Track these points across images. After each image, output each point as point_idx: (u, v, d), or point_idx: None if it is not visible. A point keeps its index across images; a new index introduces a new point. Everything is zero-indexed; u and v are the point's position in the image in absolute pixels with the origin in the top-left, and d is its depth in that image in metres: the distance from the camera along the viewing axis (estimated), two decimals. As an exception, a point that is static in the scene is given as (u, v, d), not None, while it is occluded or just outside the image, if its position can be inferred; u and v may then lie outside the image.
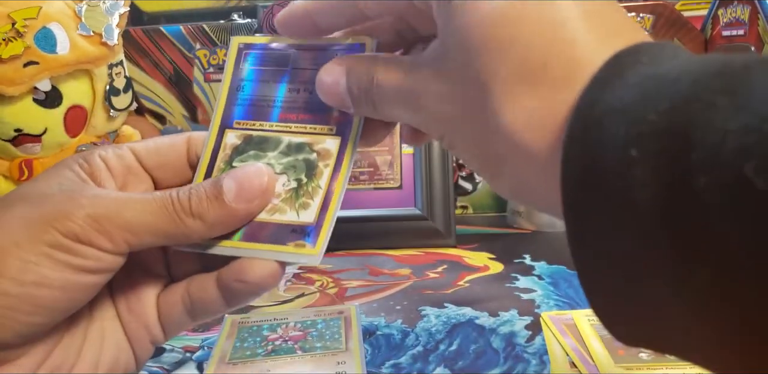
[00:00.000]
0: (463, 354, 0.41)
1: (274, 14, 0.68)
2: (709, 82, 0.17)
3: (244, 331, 0.45)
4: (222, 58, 0.75)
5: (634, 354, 0.39)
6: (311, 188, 0.29)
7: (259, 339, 0.43)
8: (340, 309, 0.48)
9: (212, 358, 0.41)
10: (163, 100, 0.77)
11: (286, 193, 0.29)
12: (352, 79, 0.27)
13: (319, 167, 0.29)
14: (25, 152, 0.64)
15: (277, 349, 0.42)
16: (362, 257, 0.62)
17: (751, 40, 0.64)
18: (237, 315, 0.47)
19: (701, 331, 0.18)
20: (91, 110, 0.68)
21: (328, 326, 0.45)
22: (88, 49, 0.65)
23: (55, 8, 0.64)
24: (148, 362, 0.42)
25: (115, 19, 0.67)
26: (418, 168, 0.65)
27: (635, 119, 0.18)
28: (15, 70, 0.61)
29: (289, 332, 0.44)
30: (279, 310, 0.49)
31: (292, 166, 0.29)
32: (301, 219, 0.29)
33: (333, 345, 0.42)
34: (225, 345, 0.43)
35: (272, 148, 0.30)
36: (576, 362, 0.39)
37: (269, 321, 0.46)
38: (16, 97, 0.62)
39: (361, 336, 0.43)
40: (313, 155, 0.30)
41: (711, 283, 0.16)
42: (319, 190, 0.29)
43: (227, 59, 0.32)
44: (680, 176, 0.16)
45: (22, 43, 0.61)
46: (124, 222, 0.25)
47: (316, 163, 0.29)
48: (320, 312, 0.48)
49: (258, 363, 0.40)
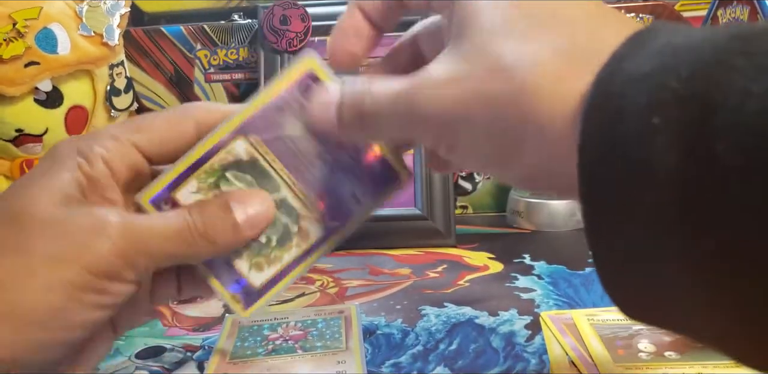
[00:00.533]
0: (463, 354, 0.41)
1: (275, 14, 0.69)
2: (729, 45, 0.17)
3: (245, 331, 0.45)
4: (222, 59, 0.75)
5: (634, 353, 0.39)
6: (274, 255, 0.29)
7: (260, 339, 0.44)
8: (341, 308, 0.48)
9: (213, 357, 0.42)
10: (164, 100, 0.77)
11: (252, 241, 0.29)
12: (347, 93, 0.26)
13: (293, 242, 0.29)
14: (27, 152, 0.64)
15: (277, 348, 0.42)
16: (362, 256, 0.62)
17: (750, 41, 0.64)
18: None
19: (710, 296, 0.17)
20: (92, 110, 0.68)
21: (328, 325, 0.45)
22: (89, 50, 0.65)
23: (56, 9, 0.64)
24: (148, 361, 0.42)
25: (115, 19, 0.68)
26: (418, 168, 0.65)
27: (657, 86, 0.17)
28: (16, 70, 0.61)
29: (290, 331, 0.44)
30: (280, 309, 0.49)
31: (274, 221, 0.29)
32: (249, 277, 0.29)
33: (333, 345, 0.42)
34: (226, 344, 0.43)
35: (268, 189, 0.29)
36: (575, 361, 0.39)
37: (270, 320, 0.46)
38: (17, 97, 0.62)
39: (361, 336, 0.43)
40: (295, 227, 0.29)
41: (726, 246, 0.16)
42: (279, 262, 0.29)
43: (289, 72, 0.29)
44: (703, 142, 0.16)
45: (23, 44, 0.61)
46: (147, 251, 0.25)
47: (292, 237, 0.29)
48: (320, 311, 0.48)
49: (258, 362, 0.40)
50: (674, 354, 0.39)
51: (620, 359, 0.39)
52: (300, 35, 0.68)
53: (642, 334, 0.41)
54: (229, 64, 0.75)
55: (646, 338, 0.41)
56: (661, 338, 0.41)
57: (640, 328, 0.42)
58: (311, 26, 0.68)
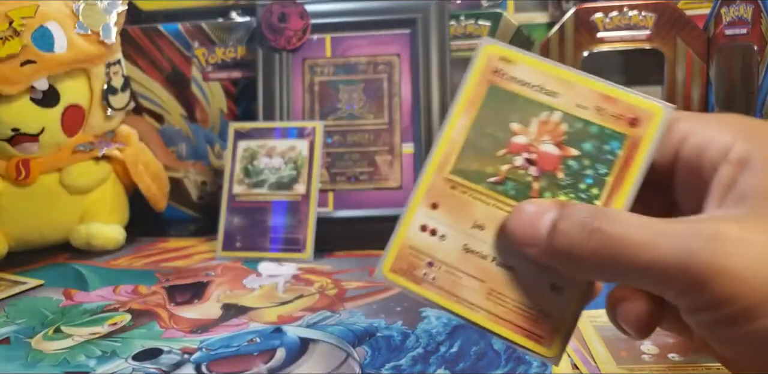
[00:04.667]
0: (464, 356, 0.41)
1: (273, 12, 0.68)
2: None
3: (493, 105, 0.28)
4: (220, 57, 0.75)
5: (637, 355, 0.39)
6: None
7: (501, 137, 0.28)
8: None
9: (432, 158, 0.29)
10: (161, 99, 0.76)
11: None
12: (570, 212, 0.24)
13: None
14: (23, 152, 0.64)
15: (511, 177, 0.27)
16: (362, 258, 0.61)
17: (753, 39, 0.63)
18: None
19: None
20: (88, 109, 0.67)
21: (599, 151, 0.27)
22: (86, 48, 0.65)
23: (53, 7, 0.63)
24: (145, 363, 0.41)
25: (112, 17, 0.67)
26: (418, 168, 0.65)
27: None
28: (12, 69, 0.60)
29: (543, 141, 0.27)
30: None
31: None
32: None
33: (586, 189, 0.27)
34: (460, 127, 0.28)
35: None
36: (578, 363, 0.39)
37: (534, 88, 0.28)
38: (14, 96, 0.61)
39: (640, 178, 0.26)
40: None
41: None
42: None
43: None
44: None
45: (19, 42, 0.60)
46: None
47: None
48: (601, 111, 0.27)
49: (475, 197, 0.28)
50: (677, 356, 0.39)
51: (623, 361, 0.39)
52: (298, 33, 0.68)
53: (645, 336, 0.41)
54: (227, 62, 0.75)
55: (649, 340, 0.41)
56: (665, 339, 0.40)
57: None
58: (310, 24, 0.68)
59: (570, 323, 0.26)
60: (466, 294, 0.28)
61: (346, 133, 0.67)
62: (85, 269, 0.62)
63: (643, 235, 0.22)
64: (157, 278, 0.58)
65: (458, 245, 0.28)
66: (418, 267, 0.28)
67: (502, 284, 0.27)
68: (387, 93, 0.67)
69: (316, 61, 0.68)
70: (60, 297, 0.54)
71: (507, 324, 0.27)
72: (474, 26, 0.74)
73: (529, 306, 0.27)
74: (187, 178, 0.78)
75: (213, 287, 0.55)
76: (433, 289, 0.28)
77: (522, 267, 0.27)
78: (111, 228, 0.67)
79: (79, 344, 0.45)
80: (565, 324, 0.26)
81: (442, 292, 0.28)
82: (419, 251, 0.28)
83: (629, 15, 0.70)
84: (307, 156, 0.63)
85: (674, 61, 0.71)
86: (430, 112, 0.65)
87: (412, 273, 0.28)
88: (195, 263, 0.62)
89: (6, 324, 0.49)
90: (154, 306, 0.51)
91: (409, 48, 0.67)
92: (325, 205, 0.65)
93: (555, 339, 0.26)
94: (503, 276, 0.27)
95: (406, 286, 0.29)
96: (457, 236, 0.28)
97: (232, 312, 0.50)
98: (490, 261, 0.27)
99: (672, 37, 0.70)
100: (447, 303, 0.28)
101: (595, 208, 0.24)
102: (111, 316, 0.50)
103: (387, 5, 0.67)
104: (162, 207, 0.74)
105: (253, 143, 0.65)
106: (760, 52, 0.63)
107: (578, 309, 0.26)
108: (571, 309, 0.26)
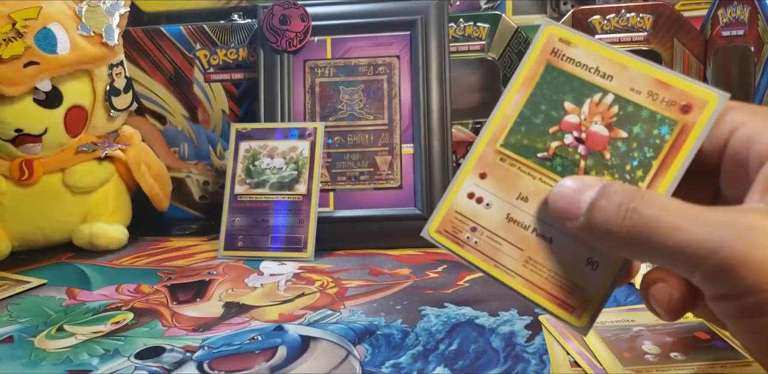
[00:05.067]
0: (463, 354, 0.41)
1: (274, 14, 0.69)
2: None
3: (552, 79, 0.29)
4: (222, 58, 0.75)
5: (640, 355, 0.39)
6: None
7: (554, 115, 0.28)
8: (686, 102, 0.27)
9: (485, 132, 0.30)
10: (164, 100, 0.77)
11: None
12: (610, 191, 0.25)
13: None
14: (26, 152, 0.64)
15: (560, 154, 0.28)
16: (362, 257, 0.62)
17: (750, 41, 0.64)
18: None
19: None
20: (91, 110, 0.68)
21: (648, 135, 0.27)
22: (89, 50, 0.65)
23: (56, 8, 0.64)
24: (147, 361, 0.42)
25: (115, 19, 0.68)
26: (418, 168, 0.65)
27: None
28: (15, 70, 0.61)
29: (594, 120, 0.28)
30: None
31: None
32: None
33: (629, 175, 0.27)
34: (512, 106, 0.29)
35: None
36: (583, 366, 0.39)
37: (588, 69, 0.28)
38: (17, 97, 0.62)
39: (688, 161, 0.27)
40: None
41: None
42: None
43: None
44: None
45: (22, 44, 0.61)
46: None
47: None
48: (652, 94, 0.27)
49: (523, 173, 0.29)
50: (679, 355, 0.38)
51: (628, 362, 0.38)
52: (300, 35, 0.68)
53: (643, 335, 0.41)
54: (229, 64, 0.75)
55: (649, 339, 0.41)
56: (663, 338, 0.40)
57: (640, 329, 0.42)
58: (311, 26, 0.68)
59: (602, 297, 0.27)
60: (504, 260, 0.29)
61: (346, 133, 0.67)
62: (88, 268, 0.62)
63: (676, 218, 0.23)
64: (160, 277, 0.58)
65: (502, 214, 0.29)
66: (462, 231, 0.30)
67: (540, 254, 0.28)
68: (387, 94, 0.67)
69: (316, 62, 0.69)
70: (63, 296, 0.55)
71: (541, 291, 0.28)
72: (473, 28, 0.75)
73: (564, 276, 0.28)
74: (189, 178, 0.78)
75: (215, 286, 0.56)
76: (474, 252, 0.30)
77: (560, 240, 0.28)
78: (114, 228, 0.68)
79: (81, 343, 0.45)
80: (597, 298, 0.27)
81: (483, 256, 0.29)
82: (465, 216, 0.30)
83: (627, 17, 0.71)
84: (308, 156, 0.64)
85: (672, 63, 0.71)
86: (430, 112, 0.65)
87: (456, 236, 0.30)
88: (197, 262, 0.63)
89: (9, 322, 0.50)
90: (157, 305, 0.52)
91: (409, 50, 0.67)
92: (326, 205, 0.66)
93: (586, 310, 0.27)
94: (542, 247, 0.28)
95: (449, 247, 0.30)
96: (502, 205, 0.29)
97: (233, 311, 0.50)
98: (530, 232, 0.28)
99: (669, 38, 0.71)
100: (486, 266, 0.29)
101: (635, 189, 0.25)
102: (113, 315, 0.50)
103: (387, 7, 0.68)
104: (164, 207, 0.74)
105: (255, 143, 0.65)
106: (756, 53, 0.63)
107: (612, 285, 0.27)
108: (605, 284, 0.27)
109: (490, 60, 0.76)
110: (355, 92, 0.68)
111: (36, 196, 0.66)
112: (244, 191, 0.64)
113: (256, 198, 0.64)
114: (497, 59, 0.75)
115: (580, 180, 0.26)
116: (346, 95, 0.68)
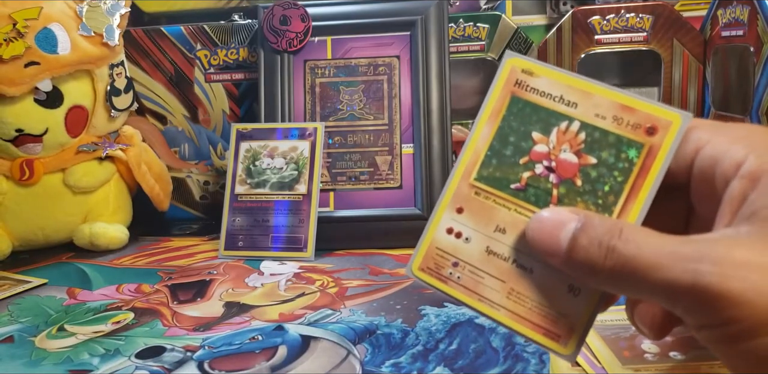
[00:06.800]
0: (463, 354, 0.41)
1: (275, 15, 0.69)
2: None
3: (518, 110, 0.29)
4: (222, 59, 0.75)
5: (639, 354, 0.39)
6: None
7: (523, 145, 0.29)
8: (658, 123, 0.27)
9: (458, 168, 0.30)
10: (164, 100, 0.77)
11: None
12: (589, 227, 0.25)
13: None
14: (27, 152, 0.65)
15: (532, 184, 0.28)
16: (362, 256, 0.62)
17: (750, 41, 0.64)
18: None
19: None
20: (92, 110, 0.68)
21: (616, 159, 0.27)
22: (89, 50, 0.65)
23: (56, 9, 0.64)
24: (148, 361, 0.42)
25: (115, 19, 0.68)
26: (418, 168, 0.65)
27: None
28: (16, 70, 0.61)
29: (562, 149, 0.28)
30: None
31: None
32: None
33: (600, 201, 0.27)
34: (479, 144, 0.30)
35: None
36: (583, 365, 0.39)
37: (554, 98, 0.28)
38: (18, 97, 0.62)
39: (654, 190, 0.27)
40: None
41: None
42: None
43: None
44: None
45: (23, 44, 0.61)
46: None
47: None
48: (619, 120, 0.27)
49: (499, 204, 0.29)
50: (679, 354, 0.39)
51: (627, 361, 0.39)
52: (300, 35, 0.68)
53: (642, 334, 0.41)
54: (229, 64, 0.75)
55: (648, 338, 0.41)
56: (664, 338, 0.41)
57: (640, 328, 0.42)
58: (311, 26, 0.68)
59: (586, 323, 0.27)
60: (488, 293, 0.29)
61: (346, 133, 0.68)
62: (88, 268, 0.62)
63: (654, 257, 0.23)
64: (160, 277, 0.58)
65: (481, 247, 0.29)
66: (444, 267, 0.30)
67: (522, 284, 0.28)
68: (387, 94, 0.67)
69: (317, 62, 0.69)
70: (63, 296, 0.55)
71: (526, 322, 0.28)
72: (473, 28, 0.75)
73: (547, 306, 0.28)
74: (189, 178, 0.78)
75: (215, 285, 0.56)
76: (458, 288, 0.30)
77: (540, 270, 0.28)
78: (114, 228, 0.68)
79: (82, 342, 0.46)
80: (581, 324, 0.27)
81: (467, 291, 0.29)
82: (445, 252, 0.30)
83: (626, 17, 0.71)
84: (308, 156, 0.64)
85: (671, 63, 0.71)
86: (430, 113, 0.65)
87: (439, 272, 0.30)
88: (197, 262, 0.63)
89: (10, 322, 0.50)
90: (157, 305, 0.52)
91: (409, 50, 0.67)
92: (326, 205, 0.66)
93: (572, 337, 0.27)
94: (523, 278, 0.28)
95: (433, 284, 0.30)
96: (481, 238, 0.29)
97: (234, 310, 0.50)
98: (510, 263, 0.28)
99: (669, 38, 0.71)
100: (470, 301, 0.29)
101: (612, 224, 0.25)
102: (114, 315, 0.50)
103: (387, 8, 0.68)
104: (165, 207, 0.74)
105: (255, 143, 0.66)
106: (756, 53, 0.63)
107: (594, 310, 0.27)
108: (588, 310, 0.27)
109: (490, 60, 0.76)
110: (355, 92, 0.68)
111: (37, 196, 0.66)
112: (245, 191, 0.64)
113: (257, 198, 0.64)
114: (497, 60, 0.75)
115: (557, 214, 0.26)
116: (347, 95, 0.68)
